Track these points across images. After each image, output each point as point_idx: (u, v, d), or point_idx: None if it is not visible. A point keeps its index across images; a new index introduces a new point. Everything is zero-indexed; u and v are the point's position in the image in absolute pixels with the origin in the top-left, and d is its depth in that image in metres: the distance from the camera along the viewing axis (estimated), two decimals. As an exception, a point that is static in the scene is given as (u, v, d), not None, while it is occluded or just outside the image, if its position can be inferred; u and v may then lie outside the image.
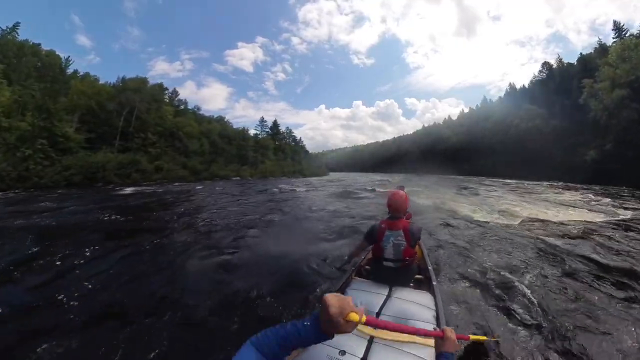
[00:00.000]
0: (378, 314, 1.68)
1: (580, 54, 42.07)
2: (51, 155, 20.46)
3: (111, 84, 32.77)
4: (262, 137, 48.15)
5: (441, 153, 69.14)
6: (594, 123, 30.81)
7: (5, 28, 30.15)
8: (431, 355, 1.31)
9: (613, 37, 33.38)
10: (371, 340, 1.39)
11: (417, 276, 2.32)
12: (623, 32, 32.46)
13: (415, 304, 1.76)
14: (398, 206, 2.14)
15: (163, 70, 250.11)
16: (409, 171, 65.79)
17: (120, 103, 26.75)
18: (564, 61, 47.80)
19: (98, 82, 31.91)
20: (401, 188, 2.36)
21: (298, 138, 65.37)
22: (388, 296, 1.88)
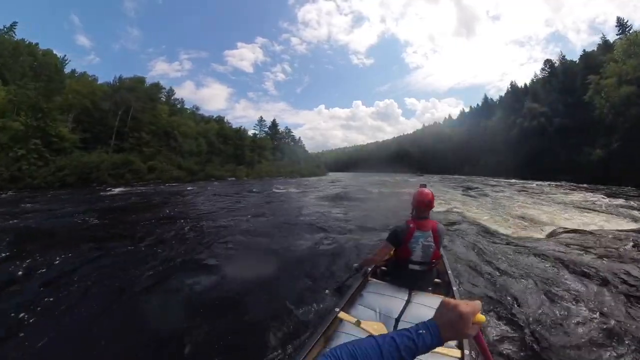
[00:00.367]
0: (398, 320, 1.63)
1: (583, 51, 41.41)
2: (45, 155, 20.34)
3: (109, 84, 32.70)
4: (260, 137, 47.89)
5: (442, 152, 68.60)
6: (600, 121, 30.22)
7: (2, 28, 30.20)
8: None
9: (617, 34, 32.92)
10: None
11: (436, 280, 2.24)
12: (627, 29, 31.89)
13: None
14: (425, 204, 2.06)
15: (163, 70, 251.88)
16: (410, 171, 65.30)
17: (115, 102, 26.62)
18: (567, 58, 47.03)
19: (93, 82, 31.80)
20: (423, 186, 2.26)
21: (297, 138, 65.26)
22: (408, 301, 1.81)
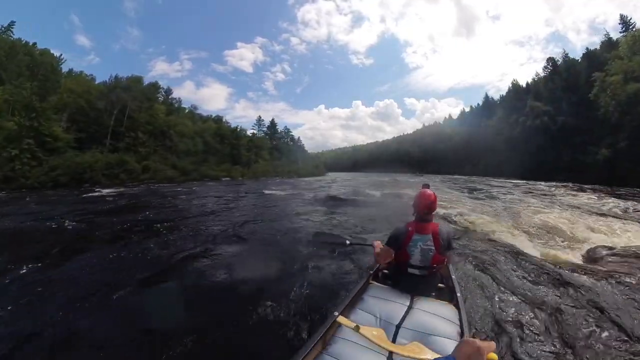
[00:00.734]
0: (399, 326, 1.60)
1: (586, 49, 40.80)
2: (38, 155, 20.28)
3: (106, 83, 32.66)
4: (256, 137, 47.62)
5: (442, 152, 68.04)
6: (605, 120, 29.61)
7: (0, 27, 30.28)
8: None
9: (620, 31, 32.43)
10: (390, 356, 1.35)
11: (440, 285, 2.18)
12: (630, 26, 31.32)
13: (438, 317, 1.67)
14: (427, 207, 1.98)
15: (163, 70, 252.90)
16: (410, 171, 64.81)
17: (111, 102, 26.54)
18: (570, 57, 46.32)
19: (89, 80, 31.77)
20: (426, 186, 2.17)
21: (296, 138, 65.05)
22: (410, 307, 1.78)
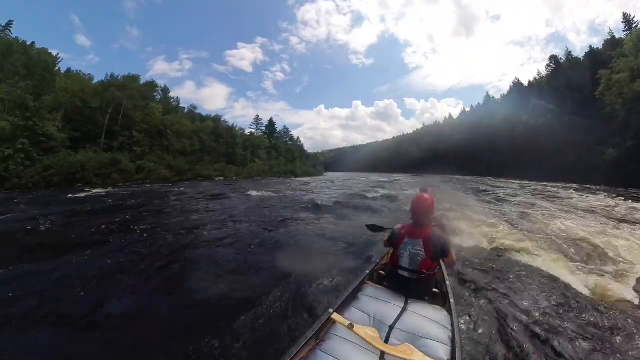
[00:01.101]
0: (392, 327, 1.62)
1: (589, 47, 40.43)
2: (32, 155, 20.38)
3: (101, 82, 32.72)
4: (253, 135, 47.44)
5: (443, 152, 67.77)
6: (611, 118, 28.94)
7: (-2, 27, 30.33)
8: None
9: (623, 30, 32.19)
10: (382, 356, 1.38)
11: (434, 290, 2.21)
12: (633, 25, 31.00)
13: (431, 322, 1.70)
14: (421, 211, 2.00)
15: (162, 70, 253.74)
16: (410, 171, 64.70)
17: (106, 101, 26.61)
18: (573, 55, 45.90)
19: (84, 79, 31.81)
20: (424, 190, 2.18)
21: (295, 137, 65.02)
22: (404, 309, 1.80)
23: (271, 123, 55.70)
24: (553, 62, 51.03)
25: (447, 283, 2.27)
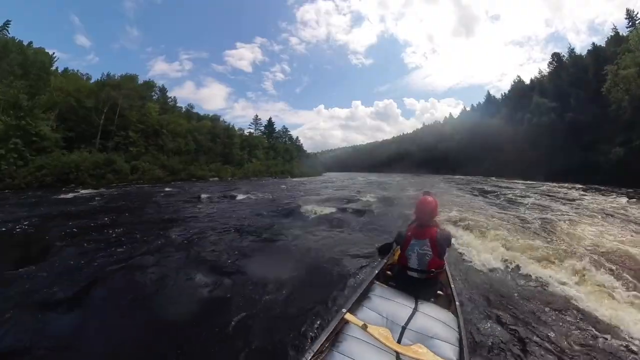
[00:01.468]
0: (404, 328, 1.67)
1: (592, 44, 40.02)
2: (25, 155, 20.28)
3: (100, 81, 32.61)
4: (250, 135, 47.23)
5: (443, 152, 67.38)
6: (617, 116, 28.28)
7: (-5, 26, 30.30)
8: None
9: (627, 26, 31.78)
10: (398, 356, 1.41)
11: (439, 292, 2.26)
12: (637, 21, 30.58)
13: (440, 323, 1.75)
14: (426, 213, 2.11)
15: (162, 70, 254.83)
16: (410, 171, 64.32)
17: (100, 100, 26.47)
18: (576, 52, 45.39)
19: (80, 79, 31.73)
20: (427, 193, 2.31)
21: (295, 137, 64.87)
22: (415, 310, 1.85)
23: (270, 123, 55.68)
24: (555, 60, 50.51)
25: (452, 286, 2.34)
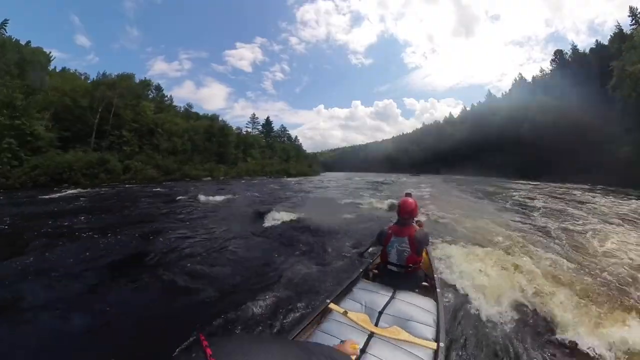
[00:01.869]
0: (381, 313, 1.81)
1: (596, 41, 39.55)
2: (20, 155, 20.45)
3: (95, 80, 32.77)
4: (247, 134, 47.10)
5: (444, 152, 67.01)
6: (624, 114, 27.71)
7: (-8, 25, 30.50)
8: (426, 355, 1.44)
9: (630, 24, 31.50)
10: (371, 335, 1.55)
11: (424, 283, 2.39)
12: (640, 18, 30.19)
13: (417, 307, 1.87)
14: (406, 213, 2.29)
15: (162, 70, 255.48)
16: (410, 171, 64.04)
17: (95, 99, 26.59)
18: (579, 49, 44.76)
19: (76, 78, 31.88)
20: (409, 195, 2.50)
21: (293, 137, 64.84)
22: (392, 297, 2.00)
23: (268, 122, 55.69)
24: (558, 57, 49.87)
25: (436, 276, 2.48)
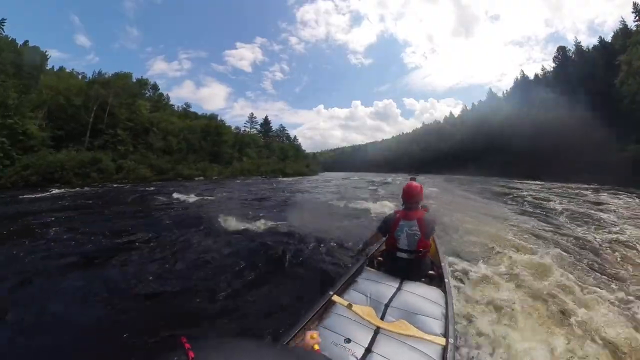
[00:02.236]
0: (387, 305, 1.73)
1: (599, 37, 39.10)
2: (12, 154, 20.44)
3: (88, 79, 32.83)
4: (243, 133, 46.92)
5: (444, 151, 66.60)
6: (630, 111, 27.17)
7: (-10, 25, 30.62)
8: (434, 351, 1.38)
9: (634, 20, 31.11)
10: (377, 331, 1.49)
11: (430, 272, 2.34)
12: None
13: (425, 299, 1.79)
14: (412, 196, 2.25)
15: (162, 69, 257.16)
16: (410, 171, 63.62)
17: (89, 98, 26.58)
18: (582, 46, 44.10)
19: (72, 76, 31.92)
20: (413, 179, 2.47)
21: (292, 137, 64.72)
22: (398, 289, 1.92)
23: (266, 121, 55.58)
24: (561, 54, 49.10)
25: (443, 264, 2.43)
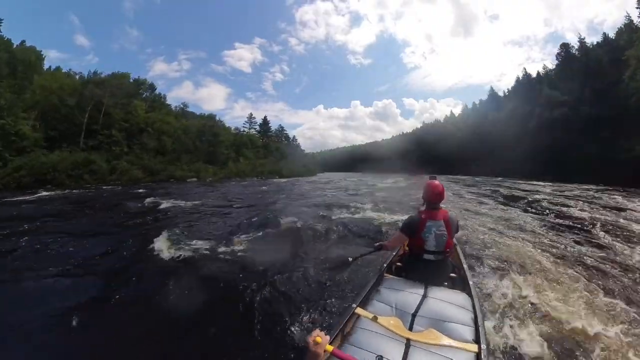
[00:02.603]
0: (414, 315, 1.69)
1: (603, 33, 38.62)
2: (4, 155, 20.36)
3: (83, 79, 32.68)
4: (241, 133, 46.67)
5: (444, 151, 66.12)
6: (638, 109, 26.35)
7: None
8: (469, 359, 1.35)
9: (638, 15, 30.76)
10: (408, 343, 1.42)
11: (452, 274, 2.30)
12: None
13: (452, 305, 1.76)
14: (437, 195, 2.20)
15: (162, 70, 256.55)
16: (410, 171, 63.19)
17: (84, 98, 26.43)
18: (586, 43, 43.45)
19: (68, 76, 31.79)
20: (433, 178, 2.42)
21: (292, 137, 64.49)
22: (424, 295, 1.87)
23: (265, 122, 55.40)
24: (564, 51, 48.40)
25: (465, 266, 2.40)
